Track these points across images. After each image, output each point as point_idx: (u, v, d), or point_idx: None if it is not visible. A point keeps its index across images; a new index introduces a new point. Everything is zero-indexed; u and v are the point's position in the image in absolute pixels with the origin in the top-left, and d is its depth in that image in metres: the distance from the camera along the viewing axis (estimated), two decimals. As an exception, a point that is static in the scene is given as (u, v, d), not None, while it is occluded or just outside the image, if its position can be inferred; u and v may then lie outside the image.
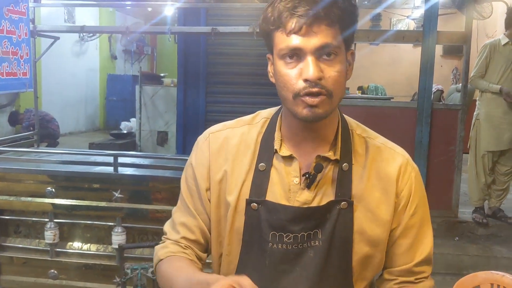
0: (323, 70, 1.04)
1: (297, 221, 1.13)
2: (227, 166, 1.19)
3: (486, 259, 4.13)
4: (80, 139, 10.76)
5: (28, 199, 3.11)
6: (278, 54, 1.08)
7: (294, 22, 1.02)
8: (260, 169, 1.16)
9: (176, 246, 1.23)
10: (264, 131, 1.20)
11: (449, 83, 10.04)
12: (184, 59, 5.65)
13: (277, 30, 1.06)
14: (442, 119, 4.56)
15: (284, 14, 1.02)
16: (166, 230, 1.29)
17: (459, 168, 4.58)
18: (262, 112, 1.26)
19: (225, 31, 4.08)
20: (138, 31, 5.53)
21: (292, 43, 1.04)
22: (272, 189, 1.15)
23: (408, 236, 1.20)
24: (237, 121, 1.26)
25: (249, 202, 1.15)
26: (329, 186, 1.15)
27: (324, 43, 1.03)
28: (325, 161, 1.15)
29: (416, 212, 1.20)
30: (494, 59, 4.36)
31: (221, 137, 1.22)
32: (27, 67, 3.44)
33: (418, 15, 9.07)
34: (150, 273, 2.59)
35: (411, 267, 1.22)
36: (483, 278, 1.90)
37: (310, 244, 1.14)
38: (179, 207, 1.28)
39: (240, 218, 1.17)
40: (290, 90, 1.06)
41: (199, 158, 1.23)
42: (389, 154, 1.21)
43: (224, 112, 5.49)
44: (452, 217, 4.60)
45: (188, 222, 1.24)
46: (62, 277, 3.17)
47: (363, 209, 1.15)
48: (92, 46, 12.55)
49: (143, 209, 3.02)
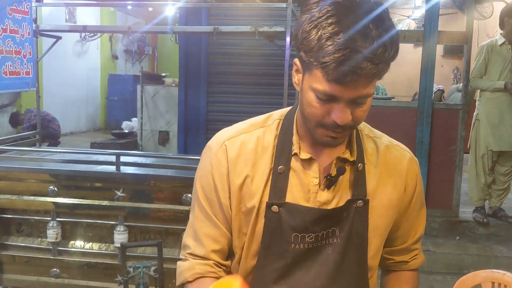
0: (352, 112, 1.04)
1: (319, 221, 1.16)
2: (248, 171, 1.17)
3: (486, 259, 4.13)
4: (81, 139, 10.77)
5: (31, 198, 3.11)
6: (311, 87, 1.03)
7: (338, 74, 0.96)
8: (279, 172, 1.16)
9: (203, 266, 1.21)
10: (279, 133, 1.20)
11: (450, 83, 10.04)
12: (185, 59, 5.67)
13: (317, 68, 0.99)
14: (442, 119, 4.56)
15: (330, 63, 0.95)
16: (188, 243, 1.25)
17: (460, 167, 4.59)
18: (274, 114, 1.25)
19: (227, 30, 4.09)
20: (140, 31, 5.54)
21: (330, 90, 1.00)
22: (291, 190, 1.16)
23: (409, 219, 1.30)
24: (250, 125, 1.23)
25: (269, 205, 1.15)
26: (346, 185, 1.18)
27: (363, 95, 1.02)
28: (344, 162, 1.17)
29: (417, 197, 1.29)
30: (492, 60, 4.36)
31: (237, 143, 1.19)
32: (30, 66, 3.45)
33: (419, 15, 9.07)
34: (152, 271, 2.59)
35: (409, 245, 1.34)
36: (484, 277, 1.91)
37: (329, 241, 1.18)
38: (198, 217, 1.23)
39: (260, 221, 1.18)
40: (315, 120, 1.07)
41: (217, 168, 1.19)
42: (398, 152, 1.26)
43: (225, 112, 5.51)
44: (453, 216, 4.61)
45: (212, 233, 1.21)
46: (64, 276, 3.17)
47: (377, 205, 1.20)
48: (93, 46, 12.57)
49: (145, 208, 3.02)
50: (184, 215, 2.94)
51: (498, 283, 1.84)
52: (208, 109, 5.64)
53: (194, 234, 1.24)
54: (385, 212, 1.22)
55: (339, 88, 0.99)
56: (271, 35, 4.08)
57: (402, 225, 1.29)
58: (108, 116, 12.81)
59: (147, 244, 2.94)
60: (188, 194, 2.93)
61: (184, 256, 1.26)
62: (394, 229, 1.29)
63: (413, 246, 1.35)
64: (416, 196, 1.28)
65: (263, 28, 3.91)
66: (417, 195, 1.28)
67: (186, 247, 1.25)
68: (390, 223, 1.25)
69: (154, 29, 5.78)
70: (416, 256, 1.37)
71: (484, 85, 4.38)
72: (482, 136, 4.46)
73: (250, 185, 1.17)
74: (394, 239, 1.32)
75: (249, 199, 1.17)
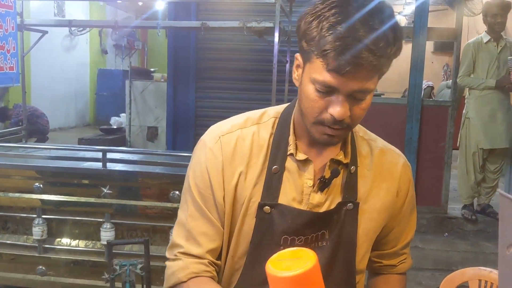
0: (351, 108, 1.02)
1: (309, 224, 1.14)
2: (243, 168, 1.14)
3: (475, 255, 4.15)
4: (70, 135, 10.70)
5: (16, 195, 3.08)
6: (311, 78, 1.01)
7: (338, 62, 0.94)
8: (273, 172, 1.13)
9: (198, 265, 1.16)
10: (275, 132, 1.17)
11: (440, 80, 10.09)
12: (174, 54, 5.64)
13: (317, 57, 0.98)
14: (432, 116, 4.57)
15: (330, 51, 0.94)
16: (180, 242, 1.18)
17: (449, 164, 4.61)
18: (269, 110, 1.22)
19: (215, 25, 4.05)
20: (126, 26, 5.49)
21: (330, 80, 0.98)
22: (284, 191, 1.14)
23: (400, 224, 1.29)
24: (245, 120, 1.20)
25: (261, 205, 1.13)
26: (338, 188, 1.17)
27: (363, 88, 0.99)
28: (338, 164, 1.16)
29: (409, 203, 1.27)
30: (479, 57, 4.36)
31: (233, 139, 1.16)
32: (14, 61, 3.39)
33: (410, 11, 9.09)
34: (138, 269, 2.57)
35: (398, 249, 1.33)
36: (472, 274, 1.91)
37: (318, 244, 1.16)
38: (192, 215, 1.18)
39: (250, 221, 1.15)
40: (313, 115, 1.04)
41: (213, 164, 1.15)
42: (392, 156, 1.24)
43: (214, 107, 5.49)
44: (441, 213, 4.63)
45: (208, 231, 1.17)
46: (51, 274, 3.14)
47: (368, 209, 1.19)
48: (82, 41, 12.46)
49: (132, 205, 2.99)
50: (172, 212, 2.92)
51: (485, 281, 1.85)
52: (197, 104, 5.62)
53: (188, 233, 1.18)
54: (376, 216, 1.21)
55: (339, 78, 0.97)
56: (260, 31, 4.06)
57: (393, 230, 1.29)
58: (98, 112, 12.73)
59: (133, 241, 2.92)
60: (175, 191, 2.90)
61: (174, 256, 1.19)
62: (385, 233, 1.27)
63: (402, 251, 1.34)
64: (408, 201, 1.26)
65: (251, 23, 3.89)
66: (409, 200, 1.27)
67: (178, 246, 1.19)
68: (380, 227, 1.24)
69: (141, 24, 5.73)
70: (404, 260, 1.36)
71: (474, 83, 4.38)
72: (473, 135, 4.46)
73: (243, 183, 1.14)
74: (384, 243, 1.31)
75: (241, 197, 1.15)
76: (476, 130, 4.44)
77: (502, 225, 0.74)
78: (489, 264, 1.97)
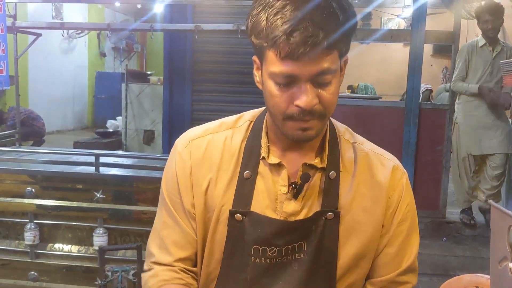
0: (318, 94, 0.96)
1: (283, 234, 1.06)
2: (212, 174, 1.09)
3: (472, 260, 4.12)
4: (67, 137, 10.65)
5: (8, 200, 3.04)
6: (268, 74, 0.97)
7: (289, 47, 0.90)
8: (245, 177, 1.07)
9: (168, 272, 1.11)
10: (248, 136, 1.11)
11: (439, 83, 10.06)
12: (170, 57, 5.61)
13: (269, 48, 0.94)
14: (430, 119, 4.55)
15: (279, 37, 0.90)
16: (153, 251, 1.15)
17: (447, 168, 4.58)
18: (246, 114, 1.17)
19: (209, 28, 4.02)
20: (120, 29, 5.47)
21: (286, 69, 0.93)
22: (257, 198, 1.08)
23: (394, 244, 1.13)
24: (219, 125, 1.15)
25: (232, 213, 1.07)
26: (316, 195, 1.08)
27: (322, 70, 0.93)
28: (312, 169, 1.08)
29: (405, 219, 1.13)
30: (473, 61, 4.26)
31: (203, 144, 1.12)
32: (3, 64, 3.34)
33: (408, 14, 9.06)
34: (131, 275, 2.54)
35: (394, 276, 1.14)
36: (468, 281, 1.87)
37: (295, 256, 1.08)
38: (164, 223, 1.14)
39: (222, 229, 1.09)
40: (280, 111, 0.98)
41: (181, 168, 1.11)
42: (379, 160, 1.13)
43: (210, 110, 5.45)
44: (439, 217, 4.60)
45: (180, 239, 1.12)
46: (43, 279, 3.10)
47: (351, 219, 1.08)
48: (80, 43, 12.45)
49: (126, 210, 2.96)
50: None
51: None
52: (193, 107, 5.58)
53: (160, 241, 1.14)
54: (361, 229, 1.09)
55: (295, 64, 0.92)
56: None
57: (386, 250, 1.13)
58: (96, 114, 12.69)
59: (126, 247, 2.89)
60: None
61: (148, 266, 1.16)
62: (380, 255, 1.13)
63: (401, 278, 1.15)
64: (404, 214, 1.12)
65: (245, 26, 3.85)
66: (405, 213, 1.12)
67: (151, 255, 1.15)
68: (370, 244, 1.10)
69: (135, 26, 5.71)
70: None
71: (461, 88, 4.30)
72: (462, 140, 4.39)
73: (214, 189, 1.09)
74: (378, 267, 1.15)
75: (213, 204, 1.10)
76: (465, 136, 4.36)
77: (494, 238, 0.71)
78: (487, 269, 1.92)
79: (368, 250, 1.12)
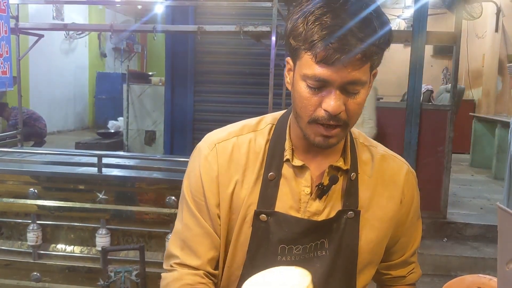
0: (345, 102, 0.99)
1: (309, 233, 1.10)
2: (238, 176, 1.12)
3: (474, 260, 4.13)
4: (68, 138, 10.67)
5: (10, 200, 3.05)
6: (301, 75, 0.99)
7: (326, 52, 0.93)
8: (270, 178, 1.10)
9: (193, 276, 1.13)
10: (271, 139, 1.14)
11: (440, 83, 10.07)
12: (172, 58, 5.62)
13: (305, 51, 0.97)
14: (431, 120, 4.55)
15: (318, 41, 0.93)
16: (175, 252, 1.16)
17: (448, 168, 4.59)
18: (267, 117, 1.20)
19: (212, 29, 4.03)
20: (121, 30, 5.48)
21: (319, 73, 0.96)
22: (281, 199, 1.11)
23: (407, 234, 1.25)
24: (242, 127, 1.17)
25: (257, 213, 1.10)
26: (338, 195, 1.13)
27: (354, 79, 0.96)
28: (337, 171, 1.12)
29: (415, 213, 1.24)
30: None
31: (229, 147, 1.14)
32: (7, 65, 3.33)
33: (409, 14, 9.08)
34: (134, 276, 2.54)
35: (406, 258, 1.29)
36: (471, 282, 1.87)
37: (317, 254, 1.13)
38: (187, 225, 1.15)
39: (246, 230, 1.12)
40: (307, 114, 1.01)
41: (207, 173, 1.13)
42: (394, 162, 1.21)
43: (212, 111, 5.46)
44: (440, 218, 4.61)
45: (204, 240, 1.14)
46: (45, 280, 3.10)
47: (370, 218, 1.15)
48: (81, 44, 12.46)
49: (128, 210, 2.96)
50: (169, 218, 2.89)
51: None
52: (195, 108, 5.59)
53: (183, 243, 1.15)
54: (379, 225, 1.16)
55: (329, 69, 0.95)
56: (257, 35, 4.03)
57: (400, 240, 1.24)
58: (97, 115, 12.71)
59: (129, 248, 2.89)
60: (171, 197, 2.87)
61: (170, 267, 1.17)
62: (391, 244, 1.23)
63: (410, 259, 1.30)
64: (414, 209, 1.23)
65: (248, 27, 3.86)
66: (415, 208, 1.23)
67: (173, 256, 1.16)
68: (385, 238, 1.19)
69: (137, 27, 5.72)
70: (414, 270, 1.33)
71: None
72: None
73: (240, 190, 1.12)
74: (392, 253, 1.27)
75: (238, 206, 1.12)
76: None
77: (501, 240, 0.71)
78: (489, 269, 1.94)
79: (384, 244, 1.21)
